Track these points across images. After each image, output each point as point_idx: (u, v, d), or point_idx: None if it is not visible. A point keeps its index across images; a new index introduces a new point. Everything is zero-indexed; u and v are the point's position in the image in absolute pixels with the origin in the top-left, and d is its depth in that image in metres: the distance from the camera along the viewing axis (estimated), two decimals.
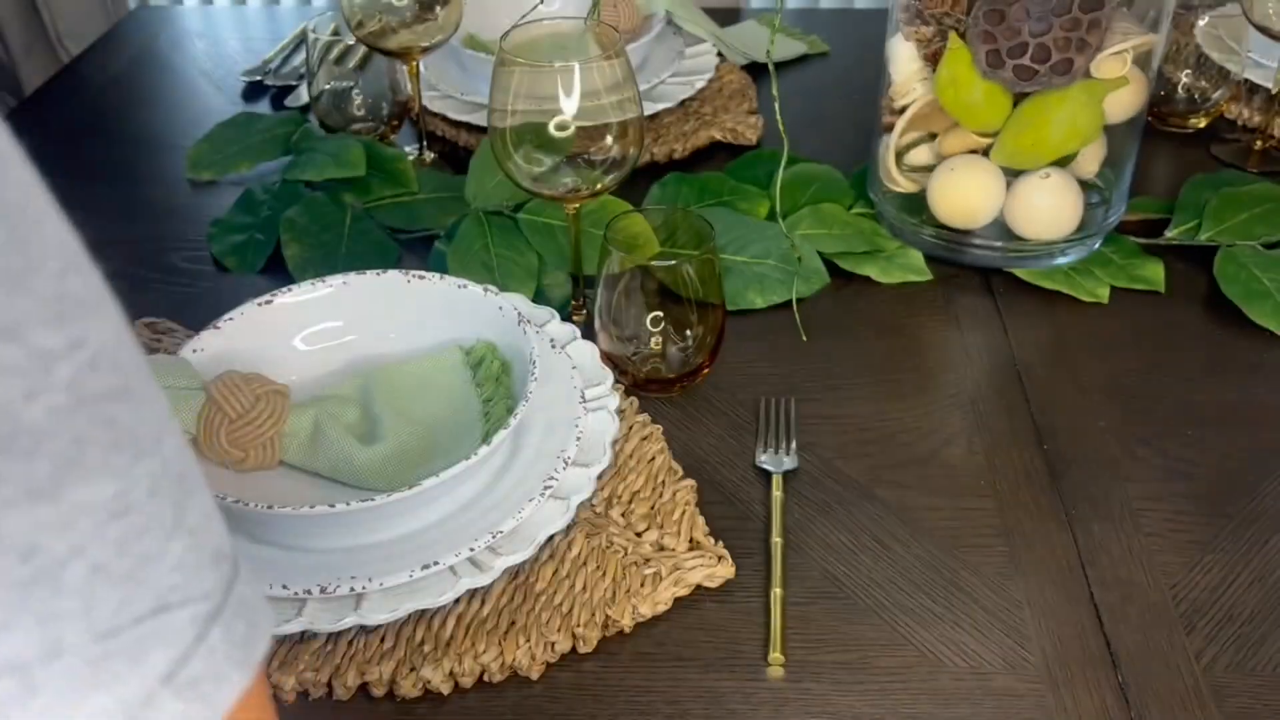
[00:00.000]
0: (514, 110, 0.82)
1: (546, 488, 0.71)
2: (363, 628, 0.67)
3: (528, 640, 0.66)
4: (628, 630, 0.68)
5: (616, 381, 0.82)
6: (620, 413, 0.80)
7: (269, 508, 0.65)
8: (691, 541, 0.72)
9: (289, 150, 1.12)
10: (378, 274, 0.83)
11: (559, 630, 0.66)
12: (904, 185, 0.99)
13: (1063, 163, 0.94)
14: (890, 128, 0.97)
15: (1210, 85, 1.16)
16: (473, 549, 0.67)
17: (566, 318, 0.89)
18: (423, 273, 0.83)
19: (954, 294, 0.96)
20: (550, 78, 0.81)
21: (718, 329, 0.83)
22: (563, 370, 0.79)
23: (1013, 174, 0.94)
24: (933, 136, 0.97)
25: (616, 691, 0.65)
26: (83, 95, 1.29)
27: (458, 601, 0.68)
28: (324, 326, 0.82)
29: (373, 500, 0.65)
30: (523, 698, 0.65)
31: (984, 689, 0.65)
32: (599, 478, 0.75)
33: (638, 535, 0.73)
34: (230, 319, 0.79)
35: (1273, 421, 0.83)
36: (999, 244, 0.97)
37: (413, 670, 0.65)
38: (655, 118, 1.18)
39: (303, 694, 0.65)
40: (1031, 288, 0.96)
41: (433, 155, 1.15)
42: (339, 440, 0.73)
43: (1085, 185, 0.96)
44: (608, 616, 0.68)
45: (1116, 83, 0.90)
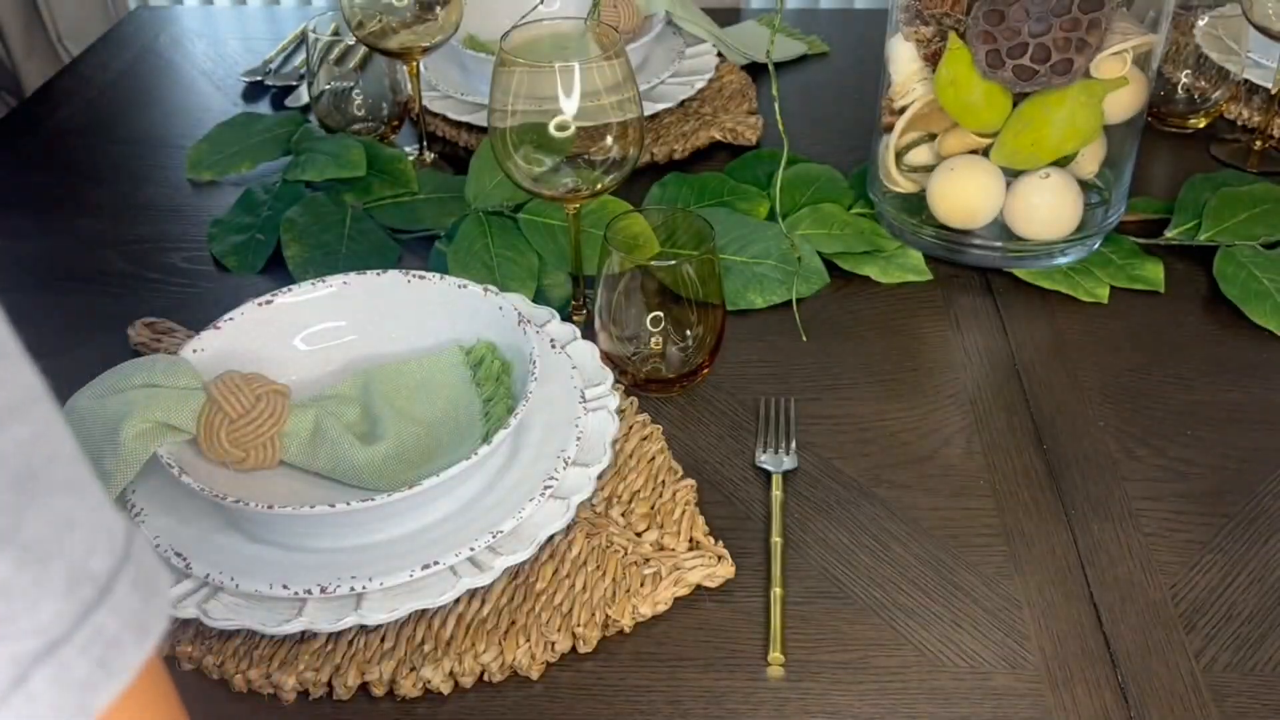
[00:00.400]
0: (514, 110, 0.82)
1: (546, 488, 0.71)
2: (363, 628, 0.67)
3: (528, 640, 0.66)
4: (628, 630, 0.68)
5: (616, 381, 0.82)
6: (620, 413, 0.80)
7: (269, 508, 0.65)
8: (691, 541, 0.72)
9: (289, 150, 1.12)
10: (378, 274, 0.83)
11: (559, 630, 0.67)
12: (904, 185, 0.99)
13: (1062, 163, 0.94)
14: (890, 128, 0.97)
15: (1210, 85, 1.16)
16: (473, 549, 0.67)
17: (566, 318, 0.90)
18: (423, 273, 0.83)
19: (954, 294, 0.96)
20: (550, 78, 0.81)
21: (718, 329, 0.83)
22: (563, 370, 0.79)
23: (1012, 174, 0.94)
24: (932, 136, 0.97)
25: (616, 691, 0.65)
26: (83, 95, 1.29)
27: (458, 601, 0.68)
28: (324, 326, 0.82)
29: (373, 500, 0.66)
30: (523, 698, 0.65)
31: (983, 688, 0.65)
32: (599, 477, 0.75)
33: (638, 535, 0.73)
34: (230, 319, 0.79)
35: (1272, 421, 0.83)
36: (999, 244, 0.97)
37: (413, 670, 0.65)
38: (655, 118, 1.18)
39: (303, 694, 0.65)
40: (1031, 288, 0.96)
41: (433, 155, 1.15)
42: (339, 440, 0.74)
43: (1085, 185, 0.96)
44: (608, 616, 0.68)
45: (1116, 83, 0.90)
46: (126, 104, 1.28)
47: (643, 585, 0.69)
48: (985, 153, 0.95)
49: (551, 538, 0.72)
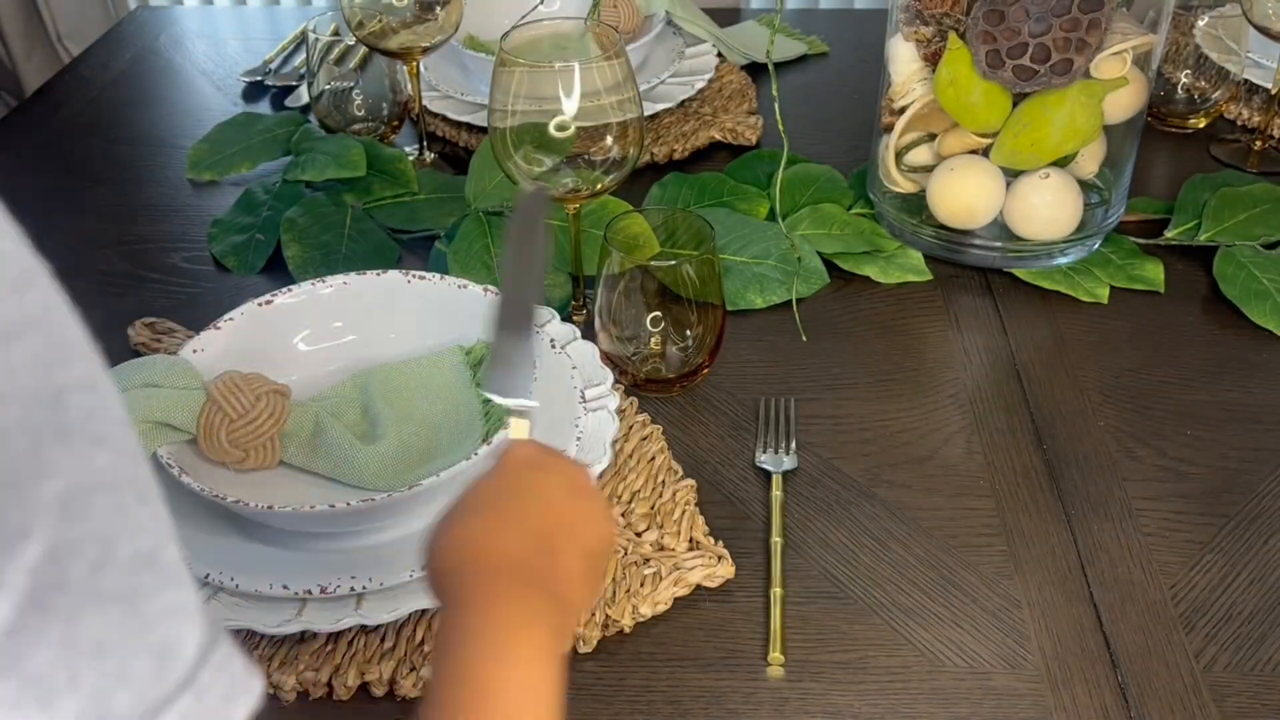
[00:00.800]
0: (514, 110, 0.82)
1: None
2: (363, 628, 0.67)
3: None
4: (628, 630, 0.68)
5: (616, 381, 0.82)
6: (620, 413, 0.80)
7: (269, 508, 0.65)
8: (691, 541, 0.72)
9: (289, 150, 1.12)
10: (378, 274, 0.83)
11: None
12: (904, 185, 0.99)
13: (1062, 163, 0.94)
14: (890, 128, 0.97)
15: (1209, 85, 1.16)
16: None
17: (566, 318, 0.90)
18: (423, 273, 0.83)
19: (953, 294, 0.96)
20: (550, 78, 0.81)
21: (718, 329, 0.83)
22: (563, 370, 0.79)
23: (1012, 174, 0.94)
24: (932, 137, 0.97)
25: (616, 691, 0.65)
26: (83, 95, 1.29)
27: None
28: (324, 326, 0.82)
29: (373, 500, 0.66)
30: None
31: (983, 688, 0.65)
32: (599, 478, 0.75)
33: (638, 535, 0.73)
34: (230, 319, 0.79)
35: (1272, 421, 0.83)
36: (998, 244, 0.97)
37: (413, 670, 0.65)
38: (655, 118, 1.18)
39: (303, 694, 0.65)
40: (1031, 288, 0.96)
41: (433, 155, 1.15)
42: (339, 440, 0.74)
43: (1085, 185, 0.96)
44: (608, 616, 0.68)
45: (1116, 83, 0.90)
46: (126, 104, 1.28)
47: (643, 585, 0.69)
48: (985, 153, 0.95)
49: None
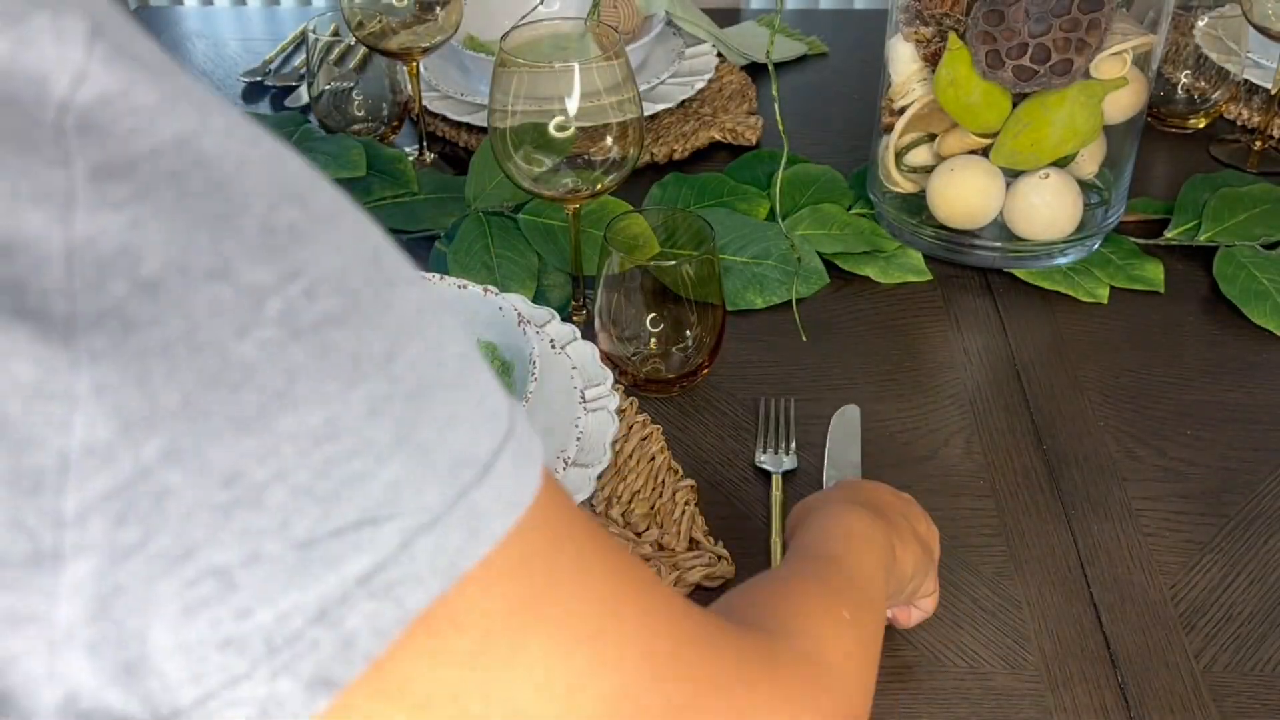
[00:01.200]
0: (514, 111, 0.82)
1: None
2: None
3: None
4: None
5: (616, 381, 0.82)
6: (620, 413, 0.80)
7: None
8: (691, 541, 0.72)
9: None
10: None
11: None
12: (904, 185, 0.99)
13: (1062, 163, 0.94)
14: (890, 128, 0.97)
15: (1209, 86, 1.16)
16: None
17: (566, 318, 0.90)
18: (423, 273, 0.83)
19: (953, 294, 0.96)
20: (550, 78, 0.81)
21: (717, 329, 0.83)
22: (563, 370, 0.79)
23: (1012, 174, 0.94)
24: (932, 137, 0.97)
25: None
26: None
27: None
28: None
29: None
30: None
31: (984, 688, 0.65)
32: (599, 478, 0.75)
33: (638, 535, 0.73)
34: None
35: (1272, 421, 0.83)
36: (998, 244, 0.97)
37: None
38: (655, 118, 1.18)
39: None
40: (1031, 288, 0.96)
41: (433, 156, 1.15)
42: None
43: (1085, 185, 0.96)
44: None
45: (1116, 83, 0.90)
46: None
47: None
48: (985, 153, 0.95)
49: None
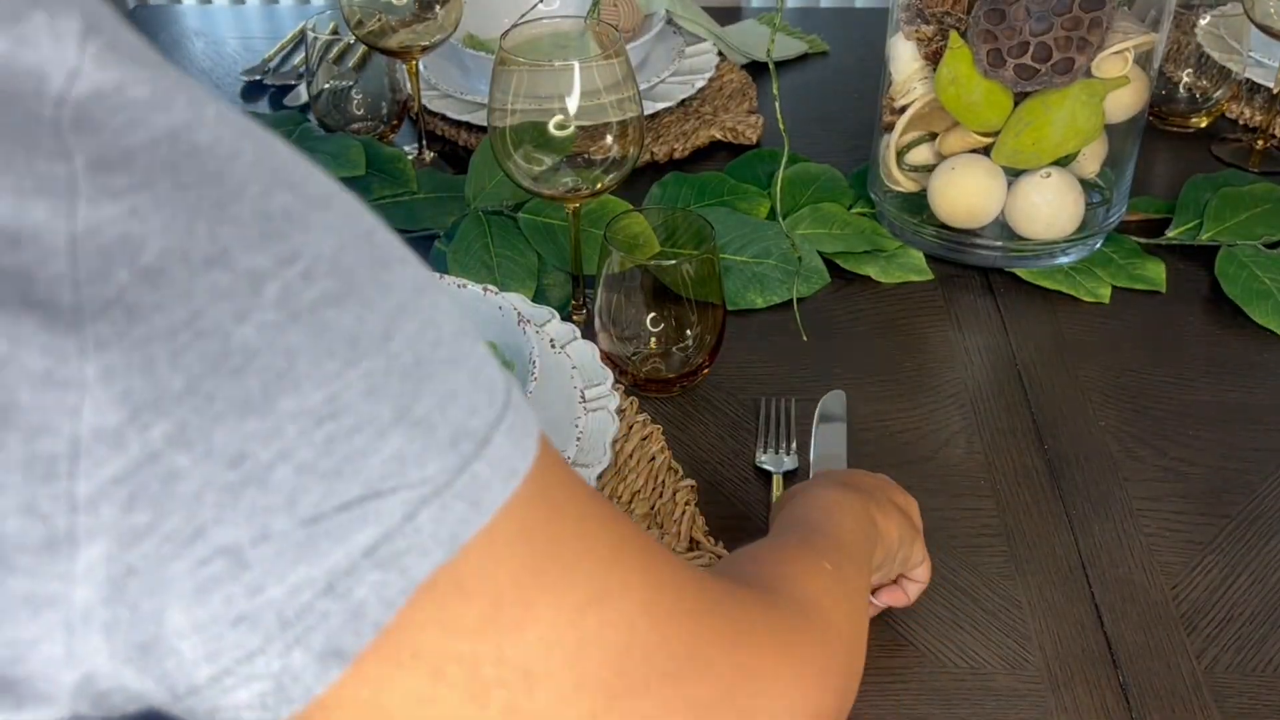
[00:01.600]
0: (514, 110, 0.82)
1: None
2: None
3: None
4: None
5: (616, 381, 0.82)
6: (620, 413, 0.79)
7: None
8: (692, 541, 0.72)
9: None
10: None
11: None
12: (904, 185, 0.98)
13: (1063, 162, 0.94)
14: (890, 127, 0.97)
15: (1211, 85, 1.16)
16: None
17: (566, 317, 0.89)
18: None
19: (954, 294, 0.96)
20: (550, 77, 0.81)
21: (718, 329, 0.83)
22: (563, 370, 0.79)
23: (1013, 173, 0.94)
24: (933, 136, 0.97)
25: None
26: None
27: None
28: None
29: None
30: None
31: (984, 689, 0.65)
32: (599, 478, 0.75)
33: None
34: None
35: (1274, 421, 0.83)
36: (999, 244, 0.97)
37: None
38: (655, 117, 1.18)
39: None
40: (1032, 287, 0.96)
41: (432, 155, 1.15)
42: None
43: (1086, 185, 0.96)
44: None
45: (1117, 82, 0.89)
46: None
47: None
48: (986, 152, 0.94)
49: None
